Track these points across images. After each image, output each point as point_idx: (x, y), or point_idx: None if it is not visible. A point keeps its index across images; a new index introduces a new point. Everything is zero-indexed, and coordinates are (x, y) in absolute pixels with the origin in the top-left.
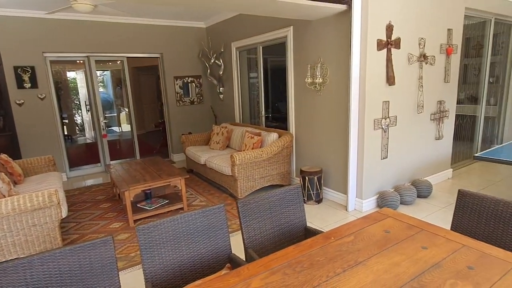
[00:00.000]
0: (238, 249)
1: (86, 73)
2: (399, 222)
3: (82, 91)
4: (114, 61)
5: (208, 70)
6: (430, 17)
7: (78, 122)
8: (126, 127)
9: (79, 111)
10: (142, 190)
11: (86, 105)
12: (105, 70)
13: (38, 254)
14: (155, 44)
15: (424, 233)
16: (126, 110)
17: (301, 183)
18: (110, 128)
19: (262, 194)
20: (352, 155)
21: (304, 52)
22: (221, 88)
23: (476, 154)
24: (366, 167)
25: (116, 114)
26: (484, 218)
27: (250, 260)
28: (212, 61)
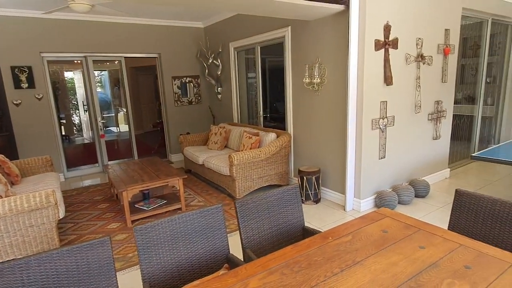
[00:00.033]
0: (236, 249)
1: (84, 73)
2: (397, 222)
3: (80, 91)
4: (111, 61)
5: (206, 70)
6: (428, 17)
7: (76, 122)
8: (124, 127)
9: (77, 111)
10: (140, 191)
11: (84, 105)
12: (103, 70)
13: (35, 254)
14: (153, 44)
15: (421, 232)
16: (124, 110)
17: (299, 183)
18: (108, 128)
19: (260, 194)
20: (350, 155)
21: (302, 52)
22: (219, 88)
23: (473, 154)
24: (364, 167)
25: (114, 114)
26: (481, 218)
27: (248, 260)
28: (210, 61)
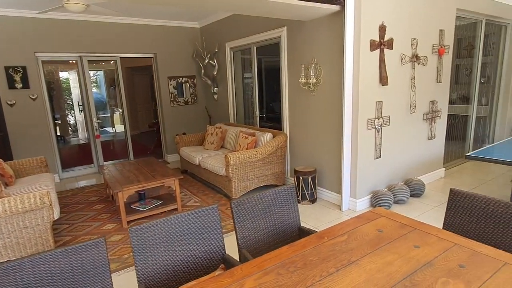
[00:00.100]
0: (233, 249)
1: (79, 73)
2: (392, 222)
3: (75, 92)
4: (107, 61)
5: (202, 70)
6: (422, 18)
7: (71, 122)
8: (119, 128)
9: (72, 112)
10: (136, 191)
11: (79, 105)
12: (98, 70)
13: (29, 256)
14: (149, 44)
15: (416, 232)
16: (120, 110)
17: (295, 183)
18: (103, 128)
19: (256, 194)
20: (345, 155)
21: (298, 52)
22: (215, 88)
23: (468, 154)
24: (359, 167)
25: (109, 115)
26: (475, 217)
27: (244, 260)
28: (206, 61)
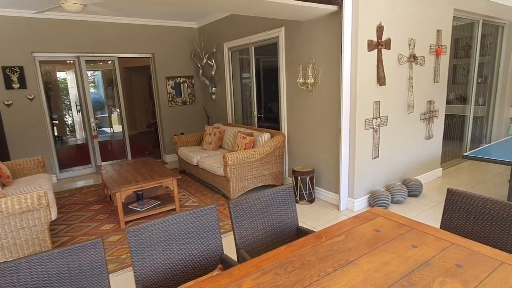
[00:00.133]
0: (231, 249)
1: (77, 73)
2: (390, 221)
3: (73, 92)
4: (105, 61)
5: (200, 71)
6: (420, 18)
7: (69, 123)
8: (117, 128)
9: (70, 112)
10: (134, 191)
11: (77, 105)
12: (96, 70)
13: (25, 257)
14: (147, 44)
15: (414, 231)
16: (118, 110)
17: (293, 183)
18: (101, 129)
19: (254, 195)
20: (343, 155)
21: (296, 52)
22: (213, 88)
23: (465, 153)
24: (357, 167)
25: (107, 115)
26: (472, 217)
27: (242, 260)
28: (204, 61)
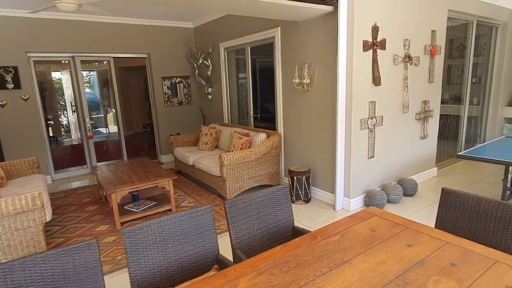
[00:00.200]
0: (227, 250)
1: (72, 73)
2: (385, 221)
3: (68, 92)
4: (100, 61)
5: (196, 71)
6: (415, 18)
7: (64, 123)
8: (113, 128)
9: (65, 112)
10: (129, 192)
11: (72, 106)
12: (91, 71)
13: (19, 259)
14: (142, 44)
15: (409, 231)
16: (113, 111)
17: (289, 183)
18: (96, 129)
19: (250, 195)
20: (339, 155)
21: (291, 52)
22: (209, 88)
23: (459, 153)
24: (353, 167)
25: (103, 115)
26: (466, 216)
27: (238, 261)
28: (200, 61)
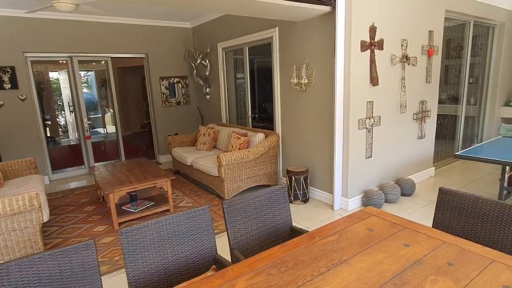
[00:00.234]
0: (225, 250)
1: (69, 73)
2: (382, 221)
3: (66, 92)
4: (98, 61)
5: (194, 71)
6: (412, 19)
7: (62, 123)
8: (111, 128)
9: (62, 112)
10: (127, 192)
11: (70, 106)
12: (89, 71)
13: (16, 260)
14: (140, 44)
15: (406, 231)
16: (111, 111)
17: (287, 183)
18: (94, 129)
19: (248, 195)
20: (337, 155)
21: (289, 52)
22: (207, 88)
23: (457, 153)
24: (351, 167)
25: (100, 115)
26: (464, 215)
27: (236, 261)
28: (198, 61)
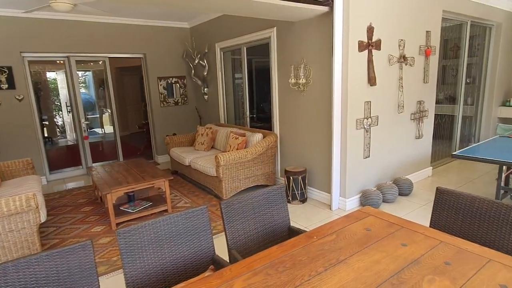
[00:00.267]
0: (223, 250)
1: (67, 73)
2: (380, 220)
3: (63, 92)
4: (95, 61)
5: (192, 71)
6: (409, 19)
7: (59, 123)
8: (108, 129)
9: (60, 113)
10: (125, 193)
11: (67, 106)
12: (86, 71)
13: (12, 260)
14: (138, 44)
15: (403, 230)
16: (109, 111)
17: (285, 183)
18: (92, 129)
19: (246, 195)
20: (335, 155)
21: (287, 53)
22: (205, 88)
23: (454, 153)
24: (349, 167)
25: (98, 115)
26: (461, 215)
27: (233, 261)
28: (196, 61)
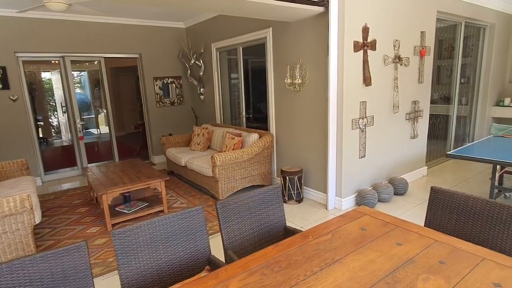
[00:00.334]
0: (219, 250)
1: (62, 73)
2: (375, 220)
3: (58, 92)
4: (91, 61)
5: (188, 71)
6: (404, 19)
7: (54, 124)
8: (104, 129)
9: (55, 113)
10: (121, 193)
11: (62, 106)
12: (81, 71)
13: (6, 262)
14: (134, 44)
15: (398, 229)
16: (104, 111)
17: (281, 183)
18: (87, 130)
19: (242, 195)
20: (331, 155)
21: (283, 53)
22: (201, 89)
23: (449, 152)
24: (345, 166)
25: (94, 116)
26: (455, 214)
27: (229, 261)
28: (192, 61)
